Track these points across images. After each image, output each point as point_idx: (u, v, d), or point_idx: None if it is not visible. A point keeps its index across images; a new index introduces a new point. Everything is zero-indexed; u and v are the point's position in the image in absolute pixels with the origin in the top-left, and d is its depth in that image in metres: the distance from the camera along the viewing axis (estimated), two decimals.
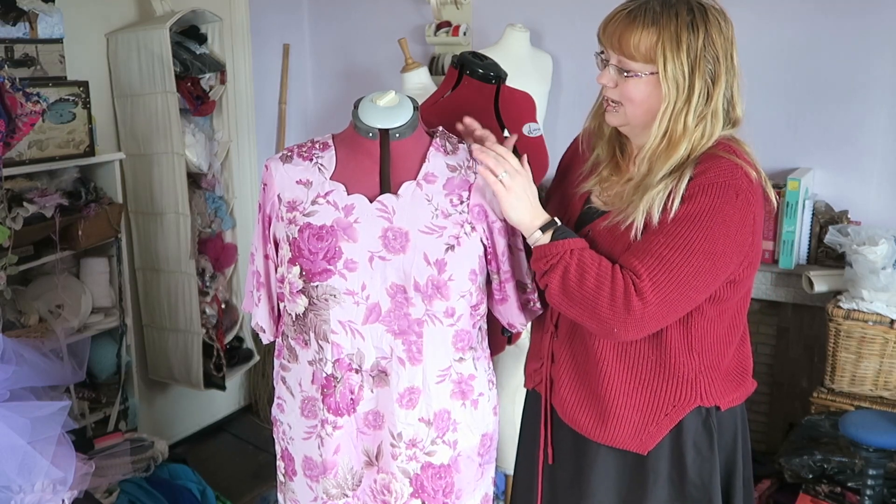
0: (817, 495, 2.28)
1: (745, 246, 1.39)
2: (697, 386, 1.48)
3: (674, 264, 1.34)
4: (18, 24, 2.44)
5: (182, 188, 2.92)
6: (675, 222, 1.36)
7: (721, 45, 1.39)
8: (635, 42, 1.37)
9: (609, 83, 1.43)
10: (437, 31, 3.30)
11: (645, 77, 1.39)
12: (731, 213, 1.36)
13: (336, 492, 1.56)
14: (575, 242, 1.40)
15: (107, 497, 2.37)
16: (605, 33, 1.42)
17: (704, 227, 1.34)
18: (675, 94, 1.37)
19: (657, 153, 1.40)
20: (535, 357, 1.69)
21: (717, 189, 1.36)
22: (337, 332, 1.47)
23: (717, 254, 1.35)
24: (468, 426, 1.56)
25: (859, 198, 2.71)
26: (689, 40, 1.36)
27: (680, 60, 1.36)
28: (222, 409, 3.60)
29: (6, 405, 1.74)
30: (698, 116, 1.39)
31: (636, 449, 1.49)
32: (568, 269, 1.38)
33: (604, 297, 1.35)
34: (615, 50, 1.40)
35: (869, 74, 2.64)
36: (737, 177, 1.38)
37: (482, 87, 1.99)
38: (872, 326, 2.37)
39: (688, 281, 1.35)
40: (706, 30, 1.37)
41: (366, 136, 1.49)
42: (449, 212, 1.47)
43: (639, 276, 1.34)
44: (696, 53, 1.36)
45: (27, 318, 2.52)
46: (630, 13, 1.39)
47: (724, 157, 1.40)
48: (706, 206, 1.35)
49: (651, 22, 1.36)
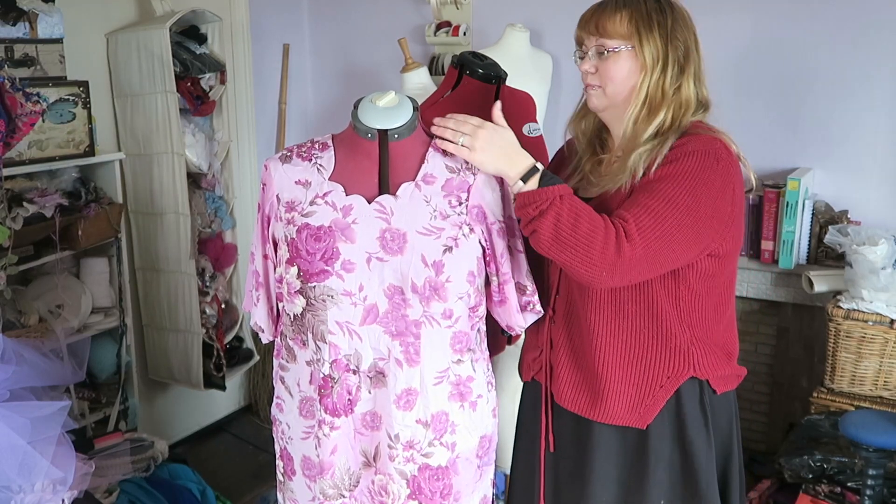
0: (817, 495, 2.28)
1: (724, 214, 1.46)
2: (690, 356, 1.52)
3: (658, 213, 1.40)
4: (18, 24, 2.44)
5: (182, 188, 2.92)
6: (660, 180, 1.43)
7: (689, 31, 1.52)
8: (612, 23, 1.49)
9: (590, 68, 1.52)
10: (437, 31, 3.30)
11: (624, 52, 1.49)
12: (713, 178, 1.43)
13: (333, 492, 1.56)
14: (563, 188, 1.43)
15: (107, 497, 2.37)
16: (581, 25, 1.54)
17: (687, 186, 1.42)
18: (651, 63, 1.48)
19: (639, 119, 1.49)
20: (532, 347, 1.71)
21: (699, 155, 1.44)
22: (334, 333, 1.47)
23: (698, 213, 1.42)
24: (466, 428, 1.56)
25: (859, 198, 2.71)
26: (658, 19, 1.48)
27: (653, 35, 1.48)
28: (222, 409, 3.61)
29: (6, 405, 1.74)
30: (675, 85, 1.49)
31: (635, 423, 1.53)
32: (560, 214, 1.39)
33: (597, 240, 1.38)
34: (593, 34, 1.51)
35: (869, 74, 2.63)
36: (716, 146, 1.46)
37: (482, 87, 1.98)
38: (872, 326, 2.37)
39: (671, 232, 1.41)
40: (673, 15, 1.50)
41: (365, 136, 1.49)
42: (447, 213, 1.47)
43: (626, 220, 1.40)
44: (667, 31, 1.48)
45: (27, 318, 2.52)
46: (602, 4, 1.53)
47: (701, 133, 1.49)
48: (689, 168, 1.43)
49: (623, 5, 1.50)
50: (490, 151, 1.45)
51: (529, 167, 1.44)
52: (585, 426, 1.58)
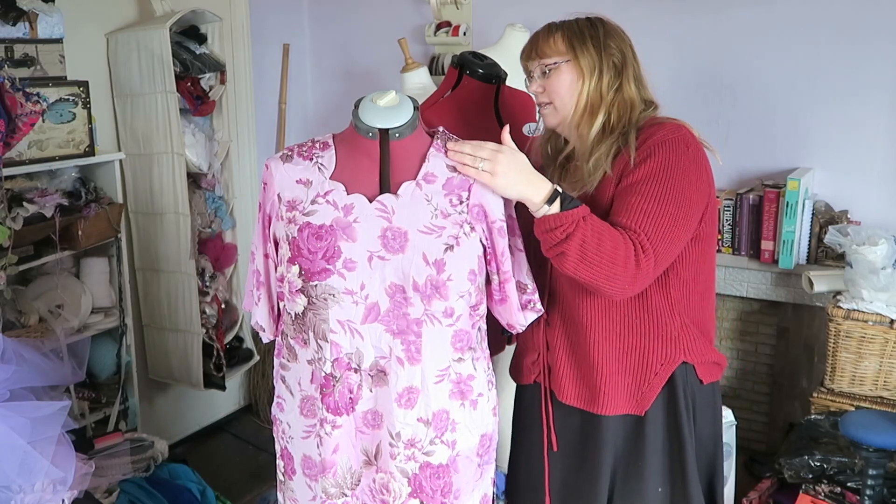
0: (817, 495, 2.28)
1: (704, 192, 1.56)
2: (681, 342, 1.60)
3: (656, 216, 1.48)
4: (18, 24, 2.44)
5: (182, 188, 2.92)
6: (644, 181, 1.50)
7: (622, 41, 1.61)
8: (548, 44, 1.60)
9: (538, 88, 1.62)
10: (437, 31, 3.30)
11: (563, 65, 1.58)
12: (687, 165, 1.52)
13: (335, 491, 1.56)
14: (584, 209, 1.47)
15: (107, 497, 2.37)
16: (524, 55, 1.65)
17: (669, 178, 1.50)
18: (588, 70, 1.57)
19: (581, 122, 1.58)
20: (530, 350, 1.73)
21: (669, 145, 1.52)
22: (336, 332, 1.47)
23: (686, 200, 1.51)
24: (467, 426, 1.56)
25: (859, 198, 2.71)
26: (590, 32, 1.59)
27: (587, 45, 1.58)
28: (222, 409, 3.61)
29: (6, 405, 1.74)
30: (614, 87, 1.58)
31: (634, 411, 1.61)
32: (585, 236, 1.44)
33: (619, 256, 1.44)
34: (535, 58, 1.62)
35: (869, 74, 2.64)
36: (682, 132, 1.55)
37: (482, 87, 1.99)
38: (872, 326, 2.37)
39: (671, 231, 1.49)
40: (604, 28, 1.60)
41: (365, 135, 1.50)
42: (448, 212, 1.48)
43: (636, 232, 1.47)
44: (600, 41, 1.58)
45: (27, 318, 2.52)
46: (537, 32, 1.65)
47: (665, 120, 1.58)
48: (664, 161, 1.51)
49: (558, 27, 1.62)
50: (511, 176, 1.46)
51: (552, 191, 1.47)
52: (589, 420, 1.64)
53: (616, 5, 3.07)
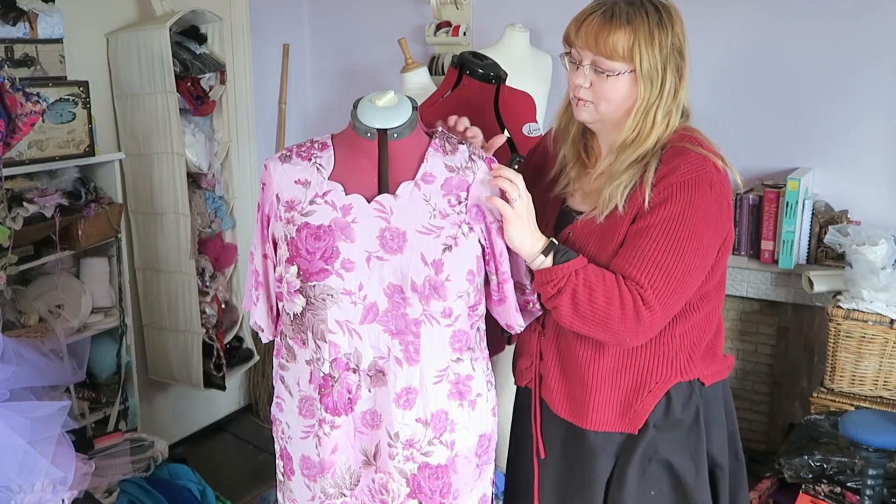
0: (817, 495, 2.28)
1: (724, 231, 1.48)
2: (676, 363, 1.53)
3: (669, 268, 1.40)
4: (18, 24, 2.44)
5: (182, 188, 2.92)
6: (661, 226, 1.42)
7: (683, 41, 1.47)
8: (613, 42, 1.41)
9: (584, 83, 1.47)
10: (437, 31, 3.30)
11: (623, 75, 1.44)
12: (708, 206, 1.43)
13: (334, 491, 1.56)
14: (577, 262, 1.43)
15: (107, 497, 2.37)
16: (578, 35, 1.46)
17: (688, 224, 1.41)
18: (649, 90, 1.44)
19: (626, 145, 1.46)
20: (525, 355, 1.72)
21: (691, 185, 1.42)
22: (334, 332, 1.47)
23: (703, 247, 1.43)
24: (466, 427, 1.56)
25: (859, 198, 2.71)
26: (660, 37, 1.42)
27: (654, 57, 1.42)
28: (222, 409, 3.61)
29: (6, 405, 1.74)
30: (666, 111, 1.46)
31: (626, 429, 1.54)
32: (576, 290, 1.41)
33: (614, 311, 1.40)
34: (591, 50, 1.44)
35: (869, 74, 2.63)
36: (707, 169, 1.44)
37: (482, 87, 1.99)
38: (872, 326, 2.37)
39: (683, 279, 1.42)
40: (672, 27, 1.44)
41: (364, 136, 1.49)
42: (447, 212, 1.48)
43: (641, 286, 1.40)
44: (667, 50, 1.43)
45: (27, 318, 2.52)
46: (603, 14, 1.43)
47: (691, 149, 1.45)
48: (685, 204, 1.41)
49: (626, 21, 1.41)
50: (526, 224, 1.45)
51: (547, 244, 1.45)
52: (578, 433, 1.59)
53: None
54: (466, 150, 1.54)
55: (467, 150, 1.54)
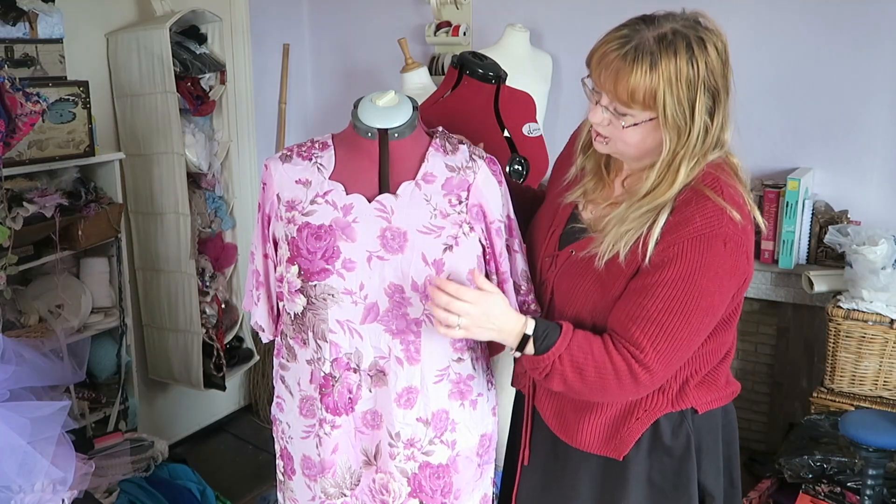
0: (817, 495, 2.28)
1: (737, 286, 1.38)
2: (668, 392, 1.46)
3: (674, 329, 1.32)
4: (18, 24, 2.44)
5: (182, 188, 2.92)
6: (668, 285, 1.32)
7: (719, 73, 1.31)
8: (632, 87, 1.28)
9: (602, 122, 1.36)
10: (437, 31, 3.30)
11: (645, 123, 1.32)
12: (721, 263, 1.33)
13: (334, 491, 1.56)
14: (559, 345, 1.36)
15: (107, 497, 2.37)
16: (596, 70, 1.33)
17: (697, 285, 1.31)
18: (675, 140, 1.31)
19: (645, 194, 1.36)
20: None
21: (704, 242, 1.32)
22: (335, 332, 1.47)
23: (712, 306, 1.35)
24: (467, 426, 1.56)
25: (859, 198, 2.71)
26: (689, 78, 1.28)
27: (680, 103, 1.29)
28: (222, 409, 3.61)
29: (6, 405, 1.74)
30: (694, 159, 1.33)
31: (612, 454, 1.47)
32: (564, 374, 1.36)
33: (609, 382, 1.35)
34: (608, 93, 1.32)
35: (869, 74, 2.63)
36: (722, 224, 1.32)
37: (482, 87, 1.99)
38: (872, 326, 2.37)
39: (689, 340, 1.35)
40: (705, 63, 1.29)
41: (365, 135, 1.49)
42: (447, 212, 1.47)
43: (641, 348, 1.33)
44: (696, 91, 1.29)
45: (27, 318, 2.52)
46: (625, 54, 1.28)
47: (709, 197, 1.34)
48: (696, 263, 1.31)
49: (650, 65, 1.27)
50: (482, 333, 1.37)
51: (521, 337, 1.37)
52: (564, 446, 1.54)
53: (615, 7, 3.08)
54: (467, 149, 1.54)
55: (468, 149, 1.54)
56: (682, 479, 1.47)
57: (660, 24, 1.30)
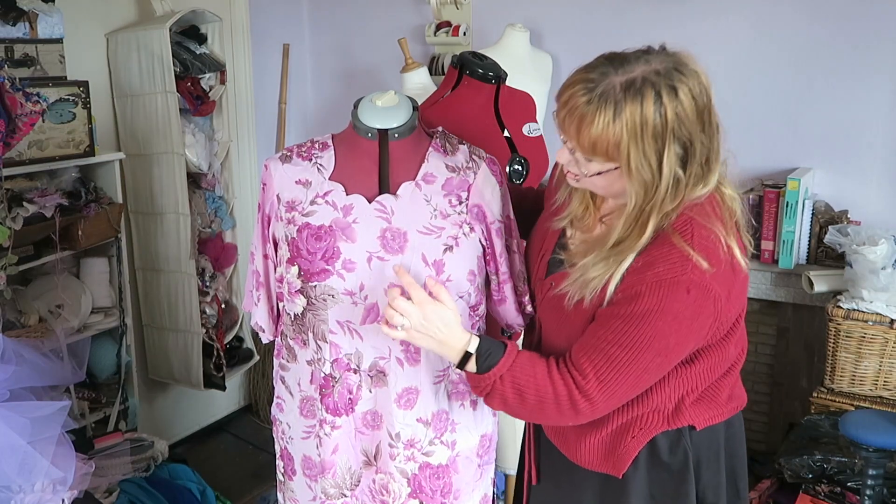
0: (817, 495, 2.28)
1: (704, 329, 1.32)
2: (663, 410, 1.42)
3: (622, 363, 1.28)
4: (18, 24, 2.44)
5: (182, 188, 2.92)
6: (624, 319, 1.27)
7: (695, 117, 1.22)
8: (594, 138, 1.22)
9: (569, 164, 1.32)
10: (437, 31, 3.30)
11: (606, 173, 1.27)
12: (681, 309, 1.26)
13: (334, 492, 1.56)
14: (502, 365, 1.34)
15: (107, 497, 2.37)
16: (560, 112, 1.26)
17: (652, 326, 1.26)
18: (641, 193, 1.25)
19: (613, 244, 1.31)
20: None
21: (665, 287, 1.25)
22: (335, 332, 1.47)
23: (667, 349, 1.29)
24: (467, 427, 1.56)
25: (859, 198, 2.71)
26: (655, 129, 1.20)
27: (646, 156, 1.21)
28: (222, 409, 3.61)
29: (6, 405, 1.74)
30: (663, 211, 1.26)
31: (610, 471, 1.44)
32: (504, 395, 1.35)
33: (548, 407, 1.33)
34: (572, 139, 1.26)
35: (869, 74, 2.63)
36: (686, 271, 1.25)
37: (482, 87, 1.99)
38: (872, 326, 2.37)
39: (638, 376, 1.30)
40: (675, 112, 1.21)
41: (365, 136, 1.49)
42: (448, 212, 1.47)
43: (585, 375, 1.30)
44: (665, 140, 1.21)
45: (27, 318, 2.52)
46: (589, 101, 1.21)
47: (675, 244, 1.27)
48: (654, 305, 1.25)
49: (613, 115, 1.20)
50: (423, 340, 1.36)
51: (462, 355, 1.36)
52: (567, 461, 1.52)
53: (615, 7, 3.08)
54: (467, 149, 1.54)
55: (468, 149, 1.54)
56: (680, 494, 1.45)
57: (630, 67, 1.22)
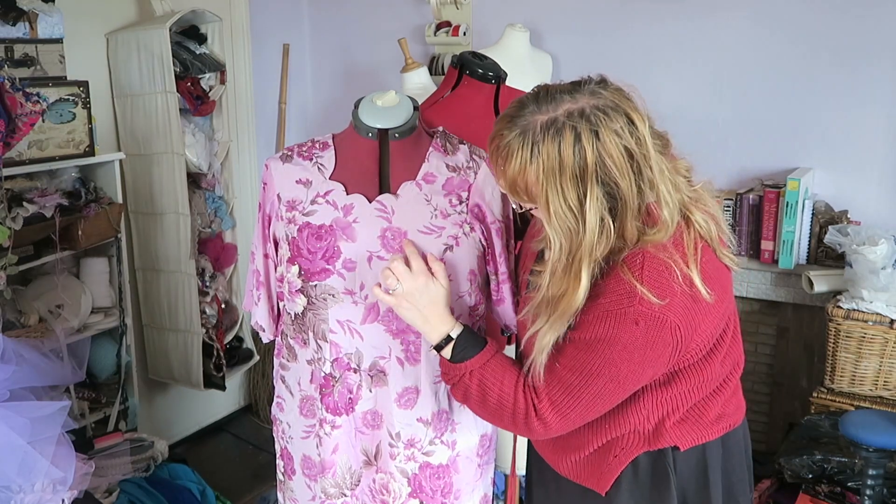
0: (817, 495, 2.28)
1: (662, 358, 1.27)
2: (643, 433, 1.39)
3: (574, 387, 1.28)
4: (18, 24, 2.44)
5: (182, 188, 2.92)
6: (576, 345, 1.27)
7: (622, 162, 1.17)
8: (512, 175, 1.20)
9: None
10: (437, 31, 3.30)
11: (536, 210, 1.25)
12: (631, 340, 1.23)
13: (334, 491, 1.56)
14: (475, 361, 1.35)
15: (107, 497, 2.37)
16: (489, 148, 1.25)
17: (602, 353, 1.25)
18: (567, 241, 1.20)
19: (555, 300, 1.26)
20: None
21: (612, 318, 1.23)
22: (335, 332, 1.47)
23: (620, 376, 1.27)
24: (467, 427, 1.56)
25: (859, 198, 2.71)
26: (573, 168, 1.16)
27: (566, 199, 1.17)
28: (222, 409, 3.61)
29: (6, 405, 1.74)
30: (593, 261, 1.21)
31: (594, 487, 1.42)
32: (468, 390, 1.36)
33: (505, 415, 1.35)
34: (499, 176, 1.25)
35: (869, 74, 2.63)
36: (633, 304, 1.22)
37: (482, 86, 1.99)
38: (872, 326, 2.37)
39: (590, 401, 1.30)
40: (597, 155, 1.15)
41: (365, 135, 1.50)
42: (448, 212, 1.47)
43: (540, 397, 1.31)
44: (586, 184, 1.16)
45: (27, 318, 2.52)
46: (510, 141, 1.19)
47: (623, 278, 1.23)
48: (603, 334, 1.24)
49: (531, 154, 1.17)
50: (409, 311, 1.36)
51: (443, 337, 1.37)
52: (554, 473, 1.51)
53: (615, 7, 3.08)
54: (468, 149, 1.54)
55: (469, 149, 1.54)
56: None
57: (555, 105, 1.18)
